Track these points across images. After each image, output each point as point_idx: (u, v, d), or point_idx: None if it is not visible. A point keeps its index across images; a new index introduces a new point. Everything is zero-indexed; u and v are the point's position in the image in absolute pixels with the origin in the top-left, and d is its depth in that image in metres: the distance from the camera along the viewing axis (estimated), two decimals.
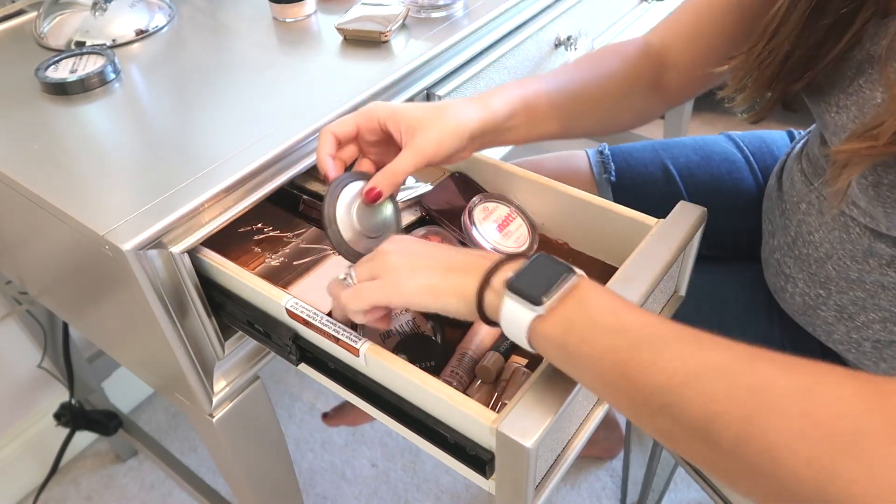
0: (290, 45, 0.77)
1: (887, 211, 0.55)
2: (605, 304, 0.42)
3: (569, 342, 0.42)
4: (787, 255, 0.70)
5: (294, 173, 0.62)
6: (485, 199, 0.65)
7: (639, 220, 0.58)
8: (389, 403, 0.50)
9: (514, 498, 0.46)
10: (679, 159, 0.86)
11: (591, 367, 0.41)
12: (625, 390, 0.40)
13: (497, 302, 0.44)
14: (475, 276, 0.46)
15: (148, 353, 0.66)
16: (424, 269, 0.48)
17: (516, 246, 0.62)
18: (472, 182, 0.69)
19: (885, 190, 0.54)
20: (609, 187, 0.85)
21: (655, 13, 1.13)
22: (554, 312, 0.42)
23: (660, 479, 1.08)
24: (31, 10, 0.86)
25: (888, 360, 0.65)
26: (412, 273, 0.48)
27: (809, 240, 0.66)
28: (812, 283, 0.67)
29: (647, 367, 0.39)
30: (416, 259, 0.49)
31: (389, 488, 1.26)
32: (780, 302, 0.73)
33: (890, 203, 0.54)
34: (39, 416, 1.25)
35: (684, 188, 0.84)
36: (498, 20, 0.79)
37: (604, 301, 0.42)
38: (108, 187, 0.58)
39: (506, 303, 0.43)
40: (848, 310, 0.65)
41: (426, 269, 0.48)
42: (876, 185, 0.54)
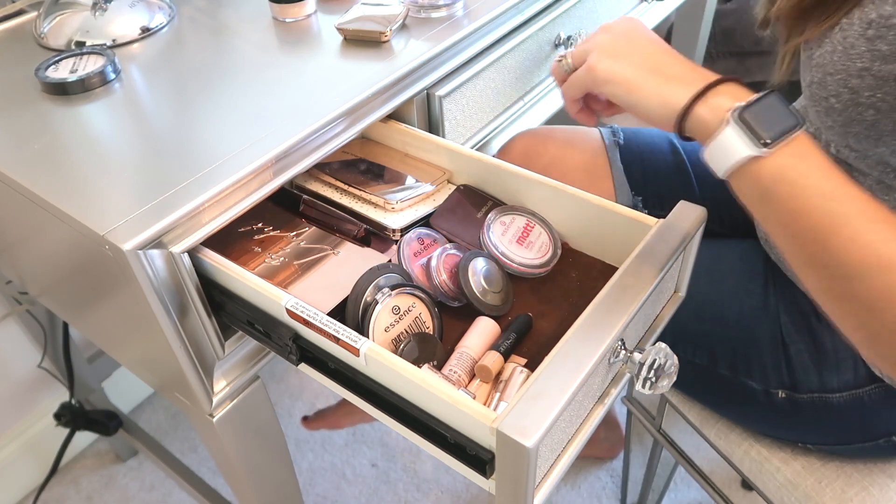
0: (290, 45, 0.77)
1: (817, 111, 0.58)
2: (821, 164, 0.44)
3: (776, 190, 0.44)
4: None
5: (294, 173, 0.62)
6: (500, 214, 0.64)
7: (639, 220, 0.58)
8: (389, 403, 0.50)
9: (514, 498, 0.46)
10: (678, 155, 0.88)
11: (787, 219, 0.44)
12: (812, 251, 0.43)
13: (712, 122, 0.45)
14: (686, 87, 0.47)
15: (148, 353, 0.66)
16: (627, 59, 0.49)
17: (540, 255, 0.63)
18: (479, 192, 0.69)
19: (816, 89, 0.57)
20: (617, 150, 0.88)
21: (655, 13, 1.13)
22: (772, 157, 0.43)
23: (660, 479, 1.09)
24: (31, 10, 0.86)
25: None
26: (613, 58, 0.50)
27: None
28: None
29: (846, 240, 0.42)
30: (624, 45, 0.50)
31: (389, 488, 1.26)
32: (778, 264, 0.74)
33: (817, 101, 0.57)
34: (39, 416, 1.25)
35: (688, 160, 0.86)
36: (498, 20, 0.79)
37: (820, 161, 0.44)
38: (108, 187, 0.58)
39: (726, 130, 0.44)
40: None
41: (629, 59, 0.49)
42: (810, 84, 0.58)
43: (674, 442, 0.90)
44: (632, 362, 0.49)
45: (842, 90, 0.56)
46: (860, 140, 0.58)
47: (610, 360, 0.50)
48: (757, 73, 1.89)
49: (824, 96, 0.58)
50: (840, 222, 0.42)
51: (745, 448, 0.78)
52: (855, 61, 0.54)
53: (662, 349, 0.49)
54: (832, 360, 0.68)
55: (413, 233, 0.64)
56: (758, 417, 0.76)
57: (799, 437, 0.75)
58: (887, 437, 0.69)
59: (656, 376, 0.49)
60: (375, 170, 0.72)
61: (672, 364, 0.49)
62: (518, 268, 0.61)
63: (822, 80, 0.57)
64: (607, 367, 0.51)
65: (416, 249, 0.62)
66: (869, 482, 0.71)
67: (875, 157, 0.60)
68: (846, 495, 0.71)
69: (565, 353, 0.46)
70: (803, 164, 0.44)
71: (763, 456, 0.76)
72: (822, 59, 0.57)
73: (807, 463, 0.74)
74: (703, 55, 1.58)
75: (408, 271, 0.60)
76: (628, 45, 0.50)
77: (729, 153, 0.45)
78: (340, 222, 0.67)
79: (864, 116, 0.55)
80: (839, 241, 0.42)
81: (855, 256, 0.41)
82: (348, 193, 0.69)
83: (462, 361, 0.54)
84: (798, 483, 0.74)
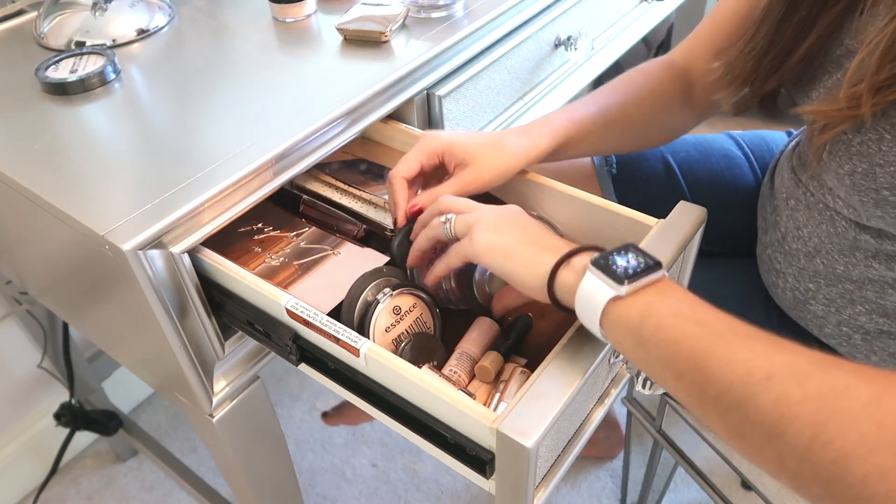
0: (290, 45, 0.77)
1: (863, 200, 0.56)
2: (685, 296, 0.43)
3: (645, 327, 0.42)
4: (777, 250, 0.71)
5: (294, 173, 0.62)
6: None
7: (639, 220, 0.58)
8: (389, 403, 0.50)
9: (514, 498, 0.46)
10: (679, 154, 0.87)
11: (664, 355, 0.41)
12: (697, 383, 0.40)
13: (573, 281, 0.45)
14: (553, 254, 0.47)
15: (148, 353, 0.66)
16: (506, 232, 0.51)
17: None
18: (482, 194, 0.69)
19: (860, 178, 0.55)
20: (610, 179, 0.86)
21: (655, 13, 1.13)
22: (634, 296, 0.43)
23: (660, 479, 1.08)
24: (31, 10, 0.86)
25: (878, 353, 0.65)
26: (493, 230, 0.51)
27: (798, 235, 0.67)
28: (801, 277, 0.67)
29: (722, 361, 0.39)
30: (505, 223, 0.52)
31: (389, 488, 1.26)
32: (773, 297, 0.74)
33: (864, 191, 0.55)
34: (39, 416, 1.25)
35: (684, 183, 0.85)
36: (498, 20, 0.79)
37: (684, 294, 0.43)
38: (108, 187, 0.58)
39: (586, 279, 0.44)
40: (836, 303, 0.65)
41: (508, 233, 0.51)
42: (851, 174, 0.55)
43: (674, 442, 0.90)
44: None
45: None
46: None
47: (610, 360, 0.50)
48: None
49: (874, 188, 0.54)
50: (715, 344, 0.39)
51: None
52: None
53: None
54: None
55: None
56: None
57: None
58: None
59: None
60: (375, 170, 0.72)
61: None
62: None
63: (868, 171, 0.54)
64: (607, 368, 0.51)
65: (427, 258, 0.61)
66: None
67: None
68: None
69: (565, 354, 0.46)
70: (668, 299, 0.42)
71: None
72: (865, 148, 0.53)
73: None
74: None
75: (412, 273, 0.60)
76: (508, 221, 0.52)
77: (592, 301, 0.44)
78: (340, 222, 0.67)
79: None
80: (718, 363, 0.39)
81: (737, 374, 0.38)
82: (348, 193, 0.69)
83: (462, 362, 0.54)
84: None
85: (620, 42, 1.06)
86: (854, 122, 0.53)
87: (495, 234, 0.51)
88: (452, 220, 0.54)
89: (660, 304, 0.42)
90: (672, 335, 0.41)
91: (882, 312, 0.63)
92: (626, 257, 0.44)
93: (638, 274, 0.43)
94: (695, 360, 0.40)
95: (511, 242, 0.50)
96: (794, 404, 0.35)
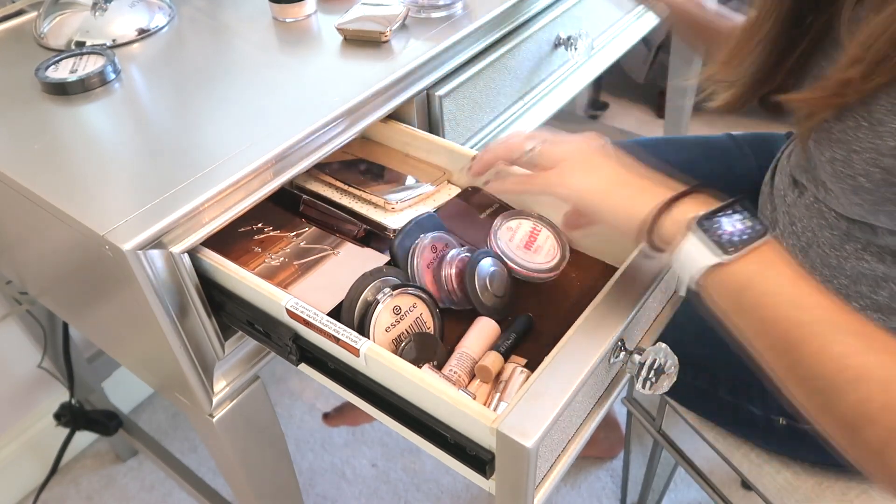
0: (290, 45, 0.77)
1: (843, 188, 0.57)
2: (789, 272, 0.42)
3: (744, 298, 0.42)
4: None
5: (294, 173, 0.62)
6: (506, 219, 0.64)
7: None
8: (389, 403, 0.50)
9: (514, 498, 0.46)
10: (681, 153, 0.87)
11: (760, 328, 0.42)
12: (787, 361, 0.42)
13: (674, 233, 0.45)
14: (654, 198, 0.46)
15: (148, 353, 0.66)
16: (598, 172, 0.50)
17: (548, 260, 0.62)
18: (486, 193, 0.69)
19: (839, 166, 0.55)
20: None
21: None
22: (737, 264, 0.42)
23: (660, 479, 1.08)
24: (31, 10, 0.86)
25: None
26: (585, 171, 0.50)
27: (793, 230, 0.68)
28: None
29: (816, 352, 0.40)
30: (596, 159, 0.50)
31: (389, 488, 1.26)
32: None
33: (842, 178, 0.56)
34: (39, 416, 1.25)
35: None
36: (498, 20, 0.79)
37: (788, 268, 0.42)
38: (108, 187, 0.58)
39: (689, 239, 0.44)
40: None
41: (601, 173, 0.50)
42: (832, 161, 0.56)
43: (674, 442, 0.90)
44: (632, 363, 0.49)
45: (872, 169, 0.53)
46: (893, 217, 0.56)
47: (610, 360, 0.50)
48: None
49: (850, 175, 0.55)
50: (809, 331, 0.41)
51: (745, 451, 0.78)
52: (886, 139, 0.51)
53: (662, 349, 0.49)
54: None
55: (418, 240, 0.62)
56: (758, 439, 0.76)
57: (799, 458, 0.74)
58: None
59: (656, 376, 0.49)
60: (375, 170, 0.72)
61: (672, 364, 0.49)
62: (528, 273, 0.61)
63: (846, 158, 0.54)
64: (607, 368, 0.51)
65: (428, 260, 0.61)
66: (869, 485, 0.71)
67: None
68: (846, 497, 0.71)
69: (565, 354, 0.46)
70: (770, 271, 0.42)
71: (763, 458, 0.76)
72: (843, 136, 0.54)
73: (807, 465, 0.74)
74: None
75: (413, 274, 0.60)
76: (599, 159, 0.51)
77: (694, 263, 0.44)
78: (340, 222, 0.67)
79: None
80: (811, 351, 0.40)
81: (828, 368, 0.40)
82: (348, 193, 0.69)
83: (462, 361, 0.54)
84: (798, 485, 0.74)
85: (620, 42, 1.06)
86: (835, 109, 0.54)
87: (587, 174, 0.49)
88: (538, 148, 0.52)
89: (762, 277, 0.42)
90: (769, 314, 0.42)
91: (876, 308, 0.63)
92: (732, 220, 0.43)
93: (744, 241, 0.42)
94: (788, 342, 0.41)
95: (605, 184, 0.49)
96: (876, 409, 0.38)
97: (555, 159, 0.51)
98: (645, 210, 0.46)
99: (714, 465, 0.86)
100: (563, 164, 0.50)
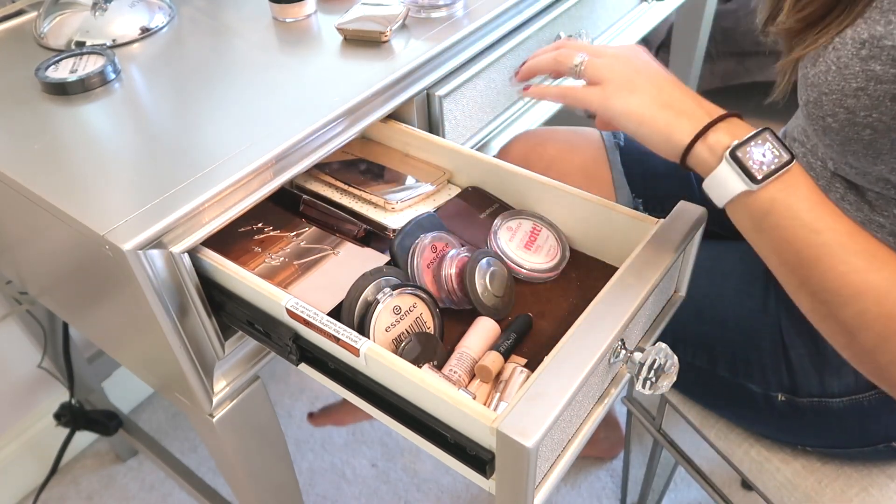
0: (290, 45, 0.77)
1: (815, 129, 0.61)
2: (809, 197, 0.48)
3: (766, 221, 0.49)
4: None
5: (294, 173, 0.62)
6: (506, 219, 0.64)
7: (639, 220, 0.58)
8: (389, 403, 0.50)
9: (514, 498, 0.46)
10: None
11: (776, 247, 0.49)
12: (798, 276, 0.49)
13: (710, 160, 0.49)
14: (691, 123, 0.50)
15: (148, 353, 0.66)
16: (641, 93, 0.53)
17: (548, 260, 0.62)
18: (485, 193, 0.69)
19: (812, 108, 0.59)
20: (617, 151, 0.89)
21: (655, 13, 1.13)
22: (762, 191, 0.48)
23: (660, 479, 1.08)
24: (31, 10, 0.86)
25: None
26: (628, 92, 0.53)
27: None
28: None
29: (824, 269, 0.47)
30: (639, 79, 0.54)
31: (389, 488, 1.27)
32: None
33: (815, 120, 0.60)
34: (39, 416, 1.25)
35: None
36: (498, 20, 0.79)
37: (808, 194, 0.48)
38: (108, 187, 0.58)
39: (721, 168, 0.49)
40: None
41: (644, 94, 0.53)
42: (806, 103, 0.60)
43: (674, 442, 0.90)
44: (632, 362, 0.49)
45: (838, 110, 0.56)
46: (859, 158, 0.59)
47: (610, 360, 0.50)
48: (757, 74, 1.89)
49: (821, 115, 0.58)
50: (821, 252, 0.47)
51: (745, 448, 0.78)
52: (850, 81, 0.55)
53: (662, 349, 0.49)
54: (833, 364, 0.68)
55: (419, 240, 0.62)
56: (757, 419, 0.76)
57: (798, 440, 0.74)
58: (886, 442, 0.69)
59: (656, 376, 0.49)
60: (375, 170, 0.72)
61: (672, 364, 0.49)
62: (529, 273, 0.61)
63: (817, 100, 0.58)
64: (607, 367, 0.51)
65: (428, 260, 0.61)
66: (868, 482, 0.71)
67: (874, 174, 0.60)
68: (846, 495, 0.71)
69: (565, 353, 0.46)
70: (791, 198, 0.48)
71: (763, 456, 0.76)
72: (816, 79, 0.58)
73: (807, 463, 0.74)
74: (702, 55, 1.57)
75: (413, 274, 0.60)
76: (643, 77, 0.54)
77: (724, 188, 0.49)
78: (340, 222, 0.67)
79: (861, 136, 0.56)
80: (820, 270, 0.47)
81: (834, 285, 0.47)
82: (348, 193, 0.69)
83: (462, 361, 0.54)
84: (798, 483, 0.74)
85: (620, 42, 1.06)
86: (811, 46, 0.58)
87: (630, 95, 0.53)
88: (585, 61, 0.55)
89: (783, 203, 0.48)
90: (787, 235, 0.48)
91: None
92: (762, 149, 0.48)
93: (771, 171, 0.47)
94: (800, 259, 0.48)
95: (646, 106, 0.52)
96: (871, 319, 0.46)
97: (600, 76, 0.54)
98: (682, 135, 0.50)
99: (714, 465, 0.86)
100: (607, 84, 0.54)
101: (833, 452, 0.73)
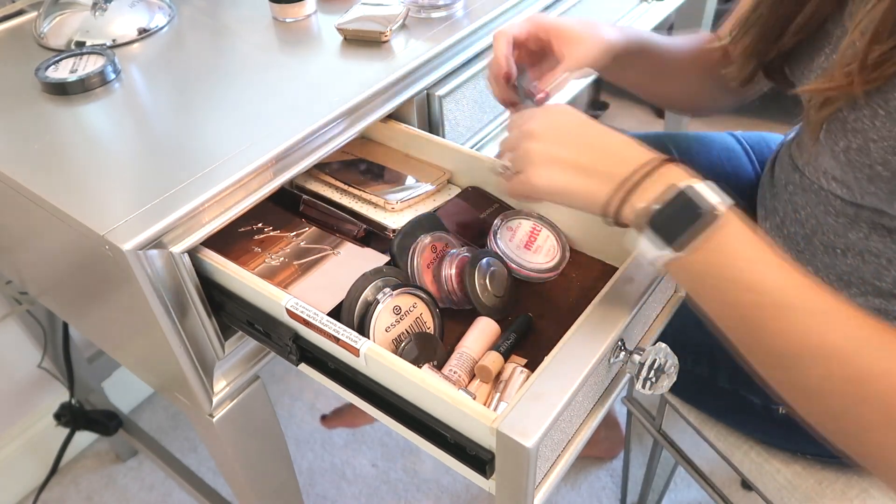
0: (290, 45, 0.77)
1: (857, 176, 0.57)
2: (744, 254, 0.43)
3: (702, 284, 0.45)
4: (776, 235, 0.71)
5: (294, 173, 0.62)
6: (506, 219, 0.64)
7: None
8: (389, 403, 0.50)
9: (513, 498, 0.46)
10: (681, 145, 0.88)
11: (719, 312, 0.45)
12: (747, 342, 0.45)
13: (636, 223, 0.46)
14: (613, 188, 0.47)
15: (148, 353, 0.66)
16: (561, 164, 0.50)
17: (549, 260, 0.62)
18: (485, 194, 0.69)
19: (854, 154, 0.56)
20: None
21: (655, 13, 1.13)
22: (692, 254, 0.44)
23: (660, 479, 1.08)
24: (31, 10, 0.86)
25: None
26: (548, 166, 0.50)
27: (796, 218, 0.68)
28: (800, 261, 0.68)
29: (775, 333, 0.42)
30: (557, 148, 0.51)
31: (389, 488, 1.27)
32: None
33: (858, 167, 0.56)
34: (39, 416, 1.25)
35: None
36: (498, 20, 0.79)
37: (743, 251, 0.43)
38: (108, 187, 0.58)
39: (643, 235, 0.45)
40: (834, 285, 0.66)
41: (563, 163, 0.50)
42: (846, 150, 0.56)
43: (674, 442, 0.90)
44: (632, 362, 0.49)
45: (891, 158, 0.53)
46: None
47: (610, 360, 0.50)
48: None
49: (868, 164, 0.55)
50: (768, 315, 0.42)
51: (745, 450, 0.78)
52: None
53: (662, 349, 0.49)
54: None
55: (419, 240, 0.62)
56: (756, 429, 0.76)
57: (797, 448, 0.74)
58: None
59: (656, 376, 0.49)
60: (375, 170, 0.72)
61: (672, 364, 0.49)
62: (529, 273, 0.61)
63: (862, 147, 0.55)
64: (607, 368, 0.51)
65: (428, 260, 0.61)
66: (868, 483, 0.71)
67: None
68: (846, 497, 0.71)
69: (565, 353, 0.46)
70: (727, 259, 0.43)
71: (763, 457, 0.76)
72: (859, 125, 0.54)
73: (807, 464, 0.74)
74: None
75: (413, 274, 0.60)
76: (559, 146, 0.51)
77: (650, 254, 0.45)
78: (340, 222, 0.67)
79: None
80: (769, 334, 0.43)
81: (786, 349, 0.42)
82: (348, 193, 0.69)
83: (462, 361, 0.54)
84: (798, 484, 0.74)
85: None
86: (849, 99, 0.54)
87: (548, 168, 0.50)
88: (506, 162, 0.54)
89: (715, 265, 0.44)
90: (726, 299, 0.44)
91: (877, 293, 0.63)
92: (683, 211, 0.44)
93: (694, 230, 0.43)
94: (746, 325, 0.44)
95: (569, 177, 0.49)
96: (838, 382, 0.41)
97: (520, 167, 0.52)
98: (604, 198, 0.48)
99: (714, 465, 0.86)
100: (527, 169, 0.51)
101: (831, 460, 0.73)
